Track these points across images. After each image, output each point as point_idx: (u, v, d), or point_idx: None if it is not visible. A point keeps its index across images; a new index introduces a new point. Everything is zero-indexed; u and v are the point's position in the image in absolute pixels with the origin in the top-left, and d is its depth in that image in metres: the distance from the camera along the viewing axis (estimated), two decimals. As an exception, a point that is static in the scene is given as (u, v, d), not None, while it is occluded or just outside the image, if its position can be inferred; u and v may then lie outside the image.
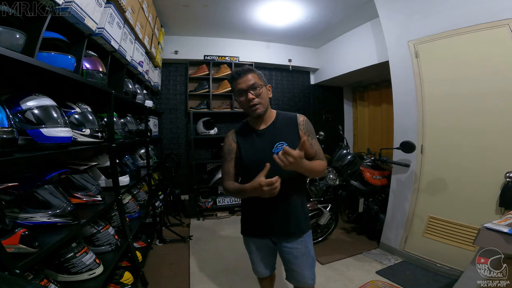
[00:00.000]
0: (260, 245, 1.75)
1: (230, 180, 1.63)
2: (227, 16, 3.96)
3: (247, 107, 1.56)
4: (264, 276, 1.87)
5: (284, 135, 1.58)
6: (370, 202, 3.35)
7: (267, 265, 1.82)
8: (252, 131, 1.64)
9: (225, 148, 1.68)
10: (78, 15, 1.47)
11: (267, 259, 1.81)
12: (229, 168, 1.64)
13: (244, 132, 1.67)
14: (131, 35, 2.46)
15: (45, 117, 1.24)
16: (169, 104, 4.93)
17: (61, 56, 1.38)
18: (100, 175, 2.12)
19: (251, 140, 1.62)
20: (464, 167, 2.54)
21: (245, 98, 1.54)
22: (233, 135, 1.68)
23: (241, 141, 1.64)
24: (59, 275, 1.50)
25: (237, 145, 1.65)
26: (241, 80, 1.54)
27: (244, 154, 1.61)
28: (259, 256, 1.78)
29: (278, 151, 1.39)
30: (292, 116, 1.67)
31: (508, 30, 2.18)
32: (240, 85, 1.55)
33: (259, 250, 1.76)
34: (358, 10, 3.75)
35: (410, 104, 2.89)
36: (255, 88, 1.53)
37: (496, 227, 1.38)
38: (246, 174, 1.57)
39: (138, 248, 2.74)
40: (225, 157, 1.66)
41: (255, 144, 1.61)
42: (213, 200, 4.62)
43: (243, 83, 1.54)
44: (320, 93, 5.93)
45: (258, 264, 1.80)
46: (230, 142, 1.67)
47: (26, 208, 1.28)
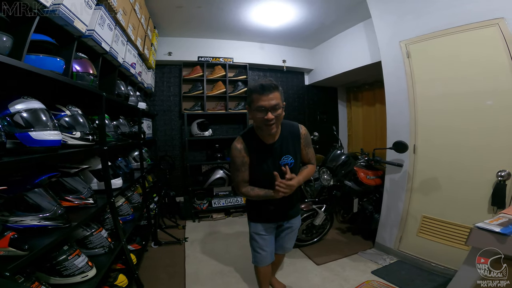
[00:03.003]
0: (269, 229, 2.02)
1: (248, 186, 1.81)
2: (221, 17, 3.96)
3: (261, 123, 1.63)
4: (270, 262, 2.08)
5: (289, 148, 1.79)
6: (365, 202, 3.36)
7: (272, 251, 2.08)
8: (262, 144, 1.77)
9: (237, 161, 1.76)
10: (66, 17, 1.47)
11: (272, 243, 2.07)
12: (245, 177, 1.79)
13: (254, 145, 1.77)
14: (123, 36, 2.45)
15: (34, 120, 1.23)
16: (163, 106, 4.91)
17: (49, 59, 1.37)
18: (92, 178, 2.11)
19: (262, 154, 1.77)
20: (457, 167, 2.55)
21: (263, 115, 1.59)
22: (243, 148, 1.76)
23: (253, 155, 1.77)
24: (51, 278, 1.49)
25: (249, 158, 1.77)
26: (265, 97, 1.57)
27: (256, 167, 1.78)
28: (268, 240, 2.03)
29: (284, 163, 1.75)
30: (295, 129, 1.83)
31: (498, 30, 2.20)
32: (262, 102, 1.57)
33: (268, 233, 2.02)
34: (351, 10, 3.77)
35: (402, 104, 2.91)
36: (277, 110, 1.59)
37: (488, 227, 1.38)
38: (256, 183, 1.80)
39: (133, 251, 2.72)
40: (239, 168, 1.77)
41: (266, 158, 1.78)
42: (208, 202, 4.60)
43: (266, 101, 1.57)
44: (314, 94, 5.94)
45: (267, 250, 2.02)
46: (243, 155, 1.75)
47: (16, 211, 1.27)
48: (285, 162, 1.77)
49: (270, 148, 1.77)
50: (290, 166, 1.75)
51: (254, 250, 2.05)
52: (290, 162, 1.79)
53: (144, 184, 3.29)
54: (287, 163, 1.76)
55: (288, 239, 2.15)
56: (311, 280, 2.66)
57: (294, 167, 1.81)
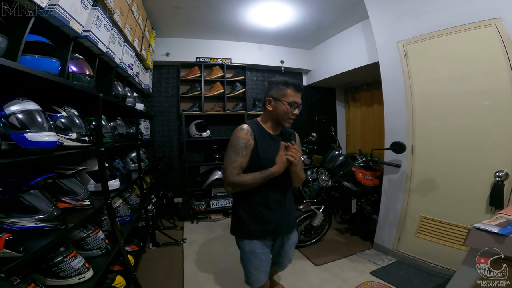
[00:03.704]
0: (265, 246, 1.85)
1: (240, 174, 1.66)
2: (219, 18, 3.96)
3: (285, 115, 1.73)
4: (264, 282, 1.90)
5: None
6: (363, 203, 3.36)
7: (267, 270, 1.89)
8: (267, 134, 1.79)
9: (240, 142, 1.68)
10: (62, 18, 1.46)
11: (269, 261, 1.89)
12: (243, 163, 1.67)
13: (261, 134, 1.76)
14: (120, 37, 2.45)
15: (29, 121, 1.22)
16: (161, 107, 4.90)
17: (45, 60, 1.36)
18: (89, 179, 2.09)
19: (268, 142, 1.75)
20: (454, 167, 2.56)
21: (292, 110, 1.72)
22: (252, 132, 1.72)
23: (260, 141, 1.72)
24: (47, 279, 1.48)
25: (255, 143, 1.71)
26: (299, 94, 1.75)
27: (261, 153, 1.70)
28: (264, 259, 1.84)
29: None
30: (292, 132, 1.96)
31: (495, 30, 2.20)
32: (296, 99, 1.72)
33: (264, 251, 1.84)
34: (349, 11, 3.77)
35: (400, 104, 2.91)
36: (301, 108, 1.76)
37: (486, 227, 1.38)
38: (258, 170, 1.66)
39: (130, 252, 2.71)
40: (239, 152, 1.67)
41: (271, 146, 1.73)
42: (206, 203, 4.59)
43: (299, 99, 1.74)
44: (312, 94, 5.94)
45: (261, 270, 1.84)
46: (248, 138, 1.69)
47: (12, 213, 1.26)
48: None
49: (275, 138, 1.79)
50: None
51: (248, 271, 1.86)
52: None
53: (142, 185, 3.28)
54: None
55: (288, 258, 2.05)
56: (310, 281, 2.66)
57: None
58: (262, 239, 1.81)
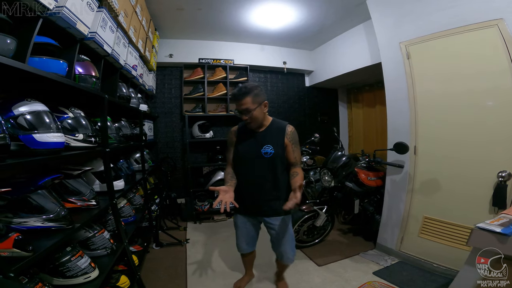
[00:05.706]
0: (246, 222, 2.24)
1: (230, 166, 2.18)
2: (222, 19, 3.98)
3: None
4: (245, 252, 2.37)
5: (272, 140, 2.02)
6: (366, 203, 3.36)
7: (248, 242, 2.31)
8: (250, 131, 2.08)
9: (228, 142, 2.20)
10: (69, 19, 1.47)
11: (248, 236, 2.29)
12: (229, 156, 2.19)
13: (244, 131, 2.12)
14: (124, 39, 2.47)
15: (37, 122, 1.24)
16: (164, 108, 4.93)
17: (53, 61, 1.38)
18: (95, 179, 2.11)
19: (247, 138, 2.08)
20: (457, 167, 2.55)
21: (240, 116, 1.98)
22: (236, 131, 2.16)
23: (239, 137, 2.12)
24: (54, 279, 1.49)
25: (236, 139, 2.13)
26: (237, 103, 1.95)
27: (239, 148, 2.11)
28: (244, 232, 2.27)
29: (264, 152, 1.99)
30: (282, 126, 2.07)
31: (497, 30, 2.21)
32: (237, 107, 1.97)
33: (245, 225, 2.25)
34: (351, 12, 3.79)
35: (403, 105, 2.91)
36: (248, 113, 1.92)
37: (489, 227, 1.38)
38: (237, 162, 2.14)
39: (135, 252, 2.72)
40: (228, 148, 2.20)
41: (249, 142, 2.07)
42: (209, 204, 4.59)
43: (238, 107, 1.95)
44: (315, 95, 5.95)
45: (241, 240, 2.30)
46: (232, 136, 2.17)
47: (20, 213, 1.27)
48: (265, 150, 2.00)
49: (256, 135, 2.05)
50: (270, 156, 1.99)
51: (236, 238, 2.34)
52: (270, 151, 2.00)
53: (145, 185, 3.30)
54: (267, 152, 2.00)
55: (279, 244, 2.20)
56: (313, 281, 2.66)
57: (274, 157, 2.00)
58: (243, 214, 2.22)
